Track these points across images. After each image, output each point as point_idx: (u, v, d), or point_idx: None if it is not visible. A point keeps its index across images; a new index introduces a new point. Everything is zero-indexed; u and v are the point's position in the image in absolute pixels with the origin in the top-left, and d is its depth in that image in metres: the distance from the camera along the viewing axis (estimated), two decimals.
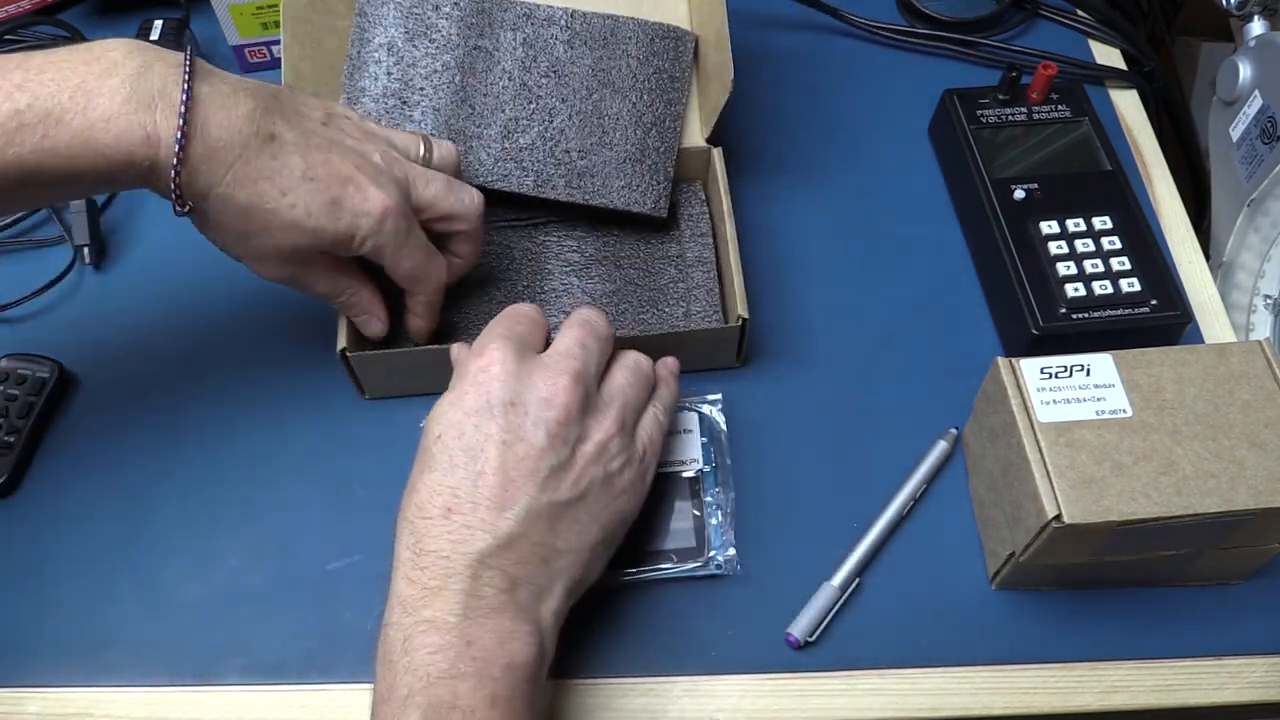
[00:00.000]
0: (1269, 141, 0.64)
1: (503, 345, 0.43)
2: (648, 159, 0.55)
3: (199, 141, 0.42)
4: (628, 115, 0.55)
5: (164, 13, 0.69)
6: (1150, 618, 0.47)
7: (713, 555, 0.48)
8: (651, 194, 0.55)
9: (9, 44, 0.69)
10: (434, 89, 0.56)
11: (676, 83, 0.56)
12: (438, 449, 0.41)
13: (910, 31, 0.70)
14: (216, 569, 0.49)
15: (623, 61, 0.56)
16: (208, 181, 0.42)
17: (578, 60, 0.55)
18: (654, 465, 0.46)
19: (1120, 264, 0.54)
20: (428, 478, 0.41)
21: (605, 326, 0.46)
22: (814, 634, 0.46)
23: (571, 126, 0.55)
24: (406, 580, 0.40)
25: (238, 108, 0.43)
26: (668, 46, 0.57)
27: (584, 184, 0.54)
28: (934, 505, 0.51)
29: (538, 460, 0.41)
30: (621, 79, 0.56)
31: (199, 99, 0.42)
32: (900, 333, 0.57)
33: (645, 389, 0.46)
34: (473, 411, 0.41)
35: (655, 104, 0.56)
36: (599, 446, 0.42)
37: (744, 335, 0.53)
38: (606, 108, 0.55)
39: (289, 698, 0.46)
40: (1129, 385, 0.44)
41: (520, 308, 0.46)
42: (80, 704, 0.46)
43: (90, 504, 0.52)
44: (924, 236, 0.61)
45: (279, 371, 0.56)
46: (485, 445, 0.41)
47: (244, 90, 0.44)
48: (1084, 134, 0.60)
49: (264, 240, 0.45)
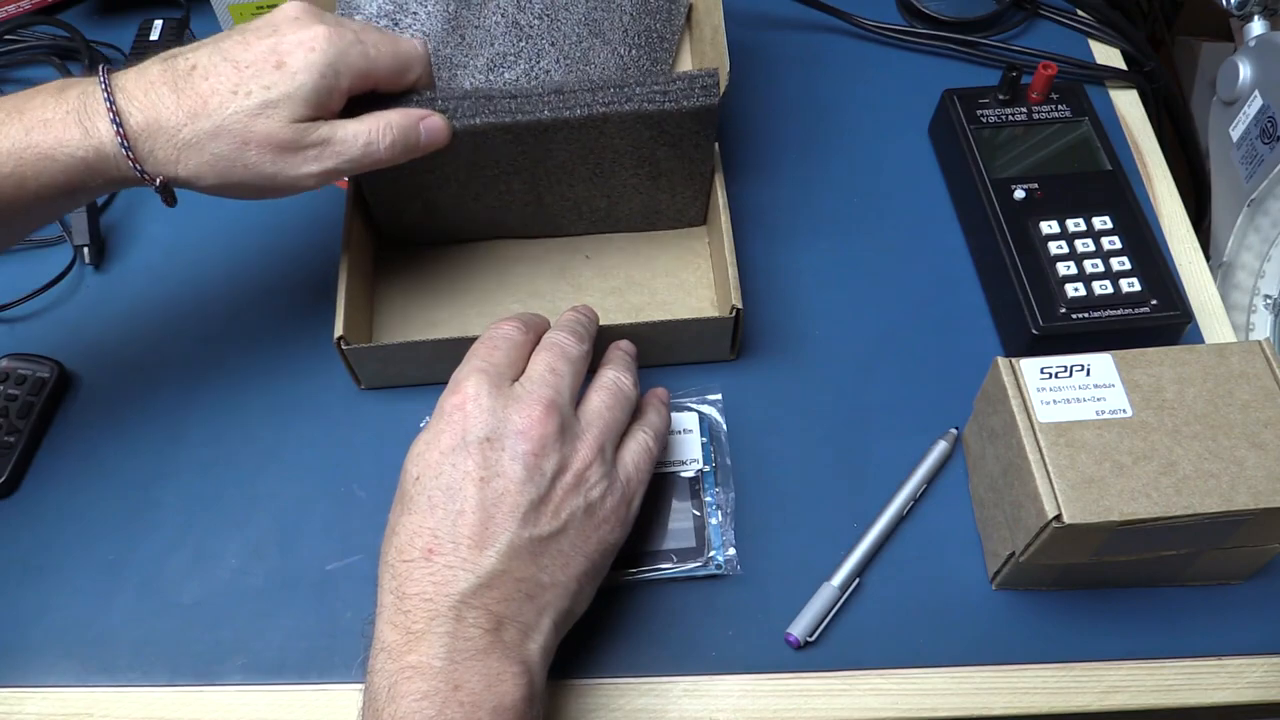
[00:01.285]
0: (1269, 141, 0.64)
1: (477, 380, 0.42)
2: (630, 102, 0.52)
3: (134, 113, 0.43)
4: (614, 67, 0.55)
5: (164, 13, 0.69)
6: (1150, 618, 0.47)
7: (713, 555, 0.48)
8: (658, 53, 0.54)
9: (9, 44, 0.69)
10: (427, 14, 0.55)
11: (665, 43, 0.56)
12: (416, 490, 0.41)
13: (910, 31, 0.70)
14: (216, 569, 0.49)
15: (615, 15, 0.56)
16: (167, 139, 0.44)
17: (571, 6, 0.55)
18: (640, 492, 0.45)
19: (1120, 264, 0.54)
20: (407, 520, 0.40)
21: (575, 345, 0.45)
22: (814, 634, 0.46)
23: (557, 70, 0.54)
24: (390, 625, 0.39)
25: (149, 71, 0.44)
26: (662, 6, 0.57)
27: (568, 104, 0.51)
28: (934, 505, 0.51)
29: (517, 495, 0.40)
30: (612, 31, 0.55)
31: (116, 86, 0.44)
32: (900, 333, 0.57)
33: (625, 410, 0.45)
34: (449, 450, 0.41)
35: (641, 60, 0.55)
36: (577, 475, 0.42)
37: (738, 326, 0.52)
38: (594, 56, 0.54)
39: (289, 698, 0.46)
40: (1129, 385, 0.44)
41: (500, 330, 0.45)
42: (80, 704, 0.46)
43: (90, 504, 0.52)
44: (924, 236, 0.61)
45: (279, 372, 0.56)
46: (463, 483, 0.40)
47: (148, 63, 0.45)
48: (1084, 134, 0.60)
49: (261, 141, 0.44)
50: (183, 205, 0.63)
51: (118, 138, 0.43)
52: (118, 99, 0.43)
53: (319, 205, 0.61)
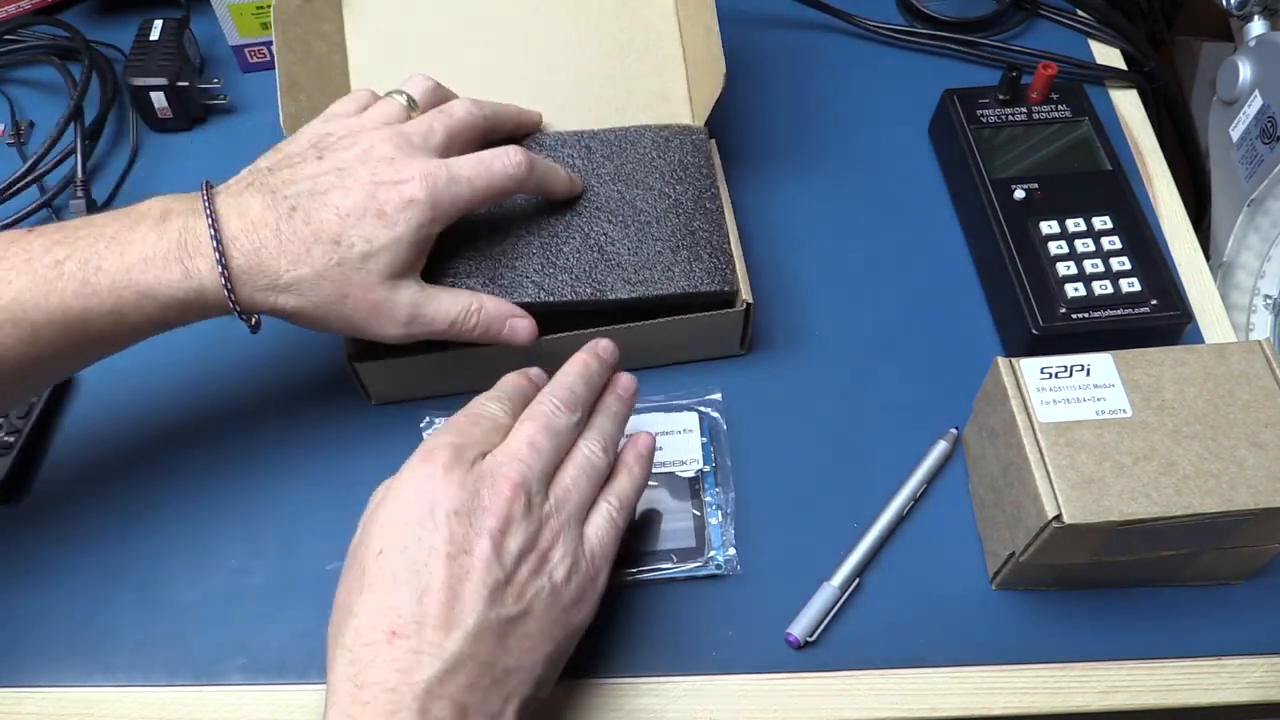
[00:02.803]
0: (1269, 141, 0.64)
1: (449, 453, 0.40)
2: (699, 240, 0.52)
3: (236, 256, 0.43)
4: (663, 205, 0.54)
5: (164, 13, 0.69)
6: (1150, 618, 0.47)
7: (713, 555, 0.48)
8: (717, 273, 0.52)
9: (9, 44, 0.69)
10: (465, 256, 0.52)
11: (702, 170, 0.55)
12: (378, 566, 0.38)
13: (910, 31, 0.70)
14: (216, 569, 0.49)
15: (640, 163, 0.55)
16: (268, 282, 0.44)
17: (598, 169, 0.55)
18: (606, 568, 0.42)
19: (1120, 264, 0.54)
20: (368, 599, 0.38)
21: (564, 417, 0.43)
22: (814, 634, 0.46)
23: (613, 228, 0.53)
24: (346, 718, 0.36)
25: (250, 206, 0.44)
26: (682, 140, 0.56)
27: (644, 277, 0.51)
28: (934, 505, 0.51)
29: (484, 572, 0.38)
30: (646, 175, 0.55)
31: (220, 217, 0.43)
32: (900, 333, 0.57)
33: (595, 483, 0.43)
34: (414, 523, 0.39)
35: (686, 191, 0.54)
36: (541, 556, 0.40)
37: (748, 321, 0.53)
38: (640, 203, 0.54)
39: (289, 698, 0.46)
40: (1129, 385, 0.44)
41: (484, 409, 0.43)
42: (80, 704, 0.46)
43: (91, 504, 0.52)
44: (924, 236, 0.61)
45: (279, 371, 0.56)
46: (429, 559, 0.38)
47: (246, 188, 0.45)
48: (1084, 134, 0.60)
49: (359, 295, 0.45)
50: None
51: (221, 279, 0.43)
52: (223, 236, 0.43)
53: None
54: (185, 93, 0.65)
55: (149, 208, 0.44)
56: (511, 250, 0.52)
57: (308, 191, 0.45)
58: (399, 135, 0.47)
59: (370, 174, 0.45)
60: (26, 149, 0.66)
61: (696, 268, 0.52)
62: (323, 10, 0.57)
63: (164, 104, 0.65)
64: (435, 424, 0.53)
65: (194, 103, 0.67)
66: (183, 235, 0.43)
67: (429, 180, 0.45)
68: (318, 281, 0.44)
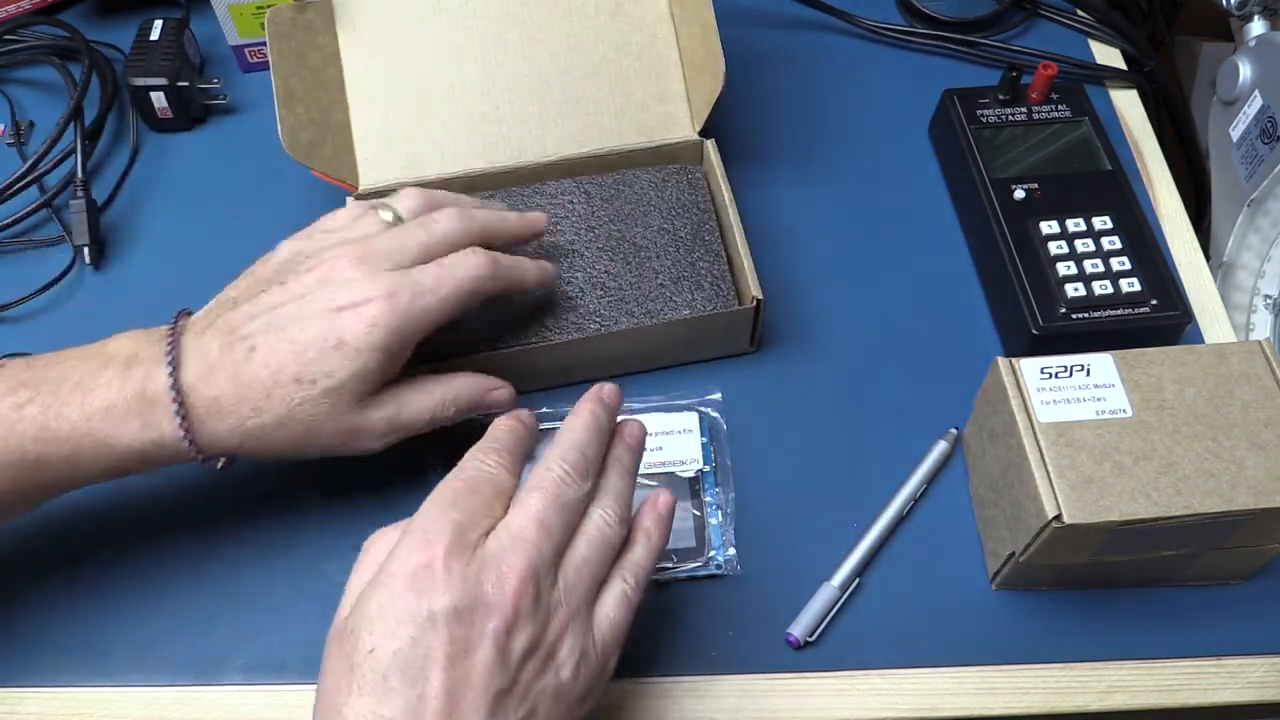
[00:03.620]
0: (1269, 141, 0.64)
1: (449, 537, 0.36)
2: (700, 270, 0.54)
3: (196, 406, 0.42)
4: (663, 240, 0.55)
5: (164, 13, 0.68)
6: (1150, 618, 0.47)
7: (713, 555, 0.48)
8: (718, 298, 0.54)
9: (9, 44, 0.69)
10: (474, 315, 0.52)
11: (699, 205, 0.57)
12: (368, 665, 0.34)
13: (910, 31, 0.70)
14: (216, 569, 0.49)
15: (639, 203, 0.57)
16: (230, 429, 0.42)
17: (597, 211, 0.56)
18: (617, 652, 0.39)
19: (1120, 264, 0.54)
20: (357, 703, 0.33)
21: (575, 486, 0.38)
22: (814, 634, 0.46)
23: (615, 265, 0.54)
24: None
25: (208, 353, 0.42)
26: (679, 179, 0.58)
27: (647, 309, 0.53)
28: (934, 505, 0.51)
29: (486, 680, 0.34)
30: (645, 214, 0.56)
31: (181, 361, 0.42)
32: (900, 333, 0.57)
33: (610, 559, 0.39)
34: (408, 618, 0.34)
35: (684, 226, 0.56)
36: (548, 652, 0.36)
37: (758, 318, 0.53)
38: (640, 240, 0.55)
39: (289, 698, 0.46)
40: (1129, 385, 0.44)
41: (483, 467, 0.39)
42: (80, 704, 0.46)
43: (90, 503, 0.51)
44: (924, 236, 0.61)
45: None
46: (426, 665, 0.33)
47: (209, 327, 0.43)
48: (1084, 134, 0.60)
49: (329, 428, 0.43)
50: (184, 204, 0.64)
51: (180, 430, 0.41)
52: (181, 385, 0.41)
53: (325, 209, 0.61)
54: (185, 93, 0.65)
55: (117, 349, 0.43)
56: (515, 298, 0.53)
57: (264, 327, 0.43)
58: (365, 251, 0.44)
59: (329, 299, 0.43)
60: (26, 149, 0.66)
61: (698, 295, 0.53)
62: (315, 22, 0.57)
63: (164, 104, 0.65)
64: None
65: (194, 103, 0.67)
66: (144, 384, 0.41)
67: (391, 300, 0.43)
68: (282, 425, 0.42)
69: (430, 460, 0.50)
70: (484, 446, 0.40)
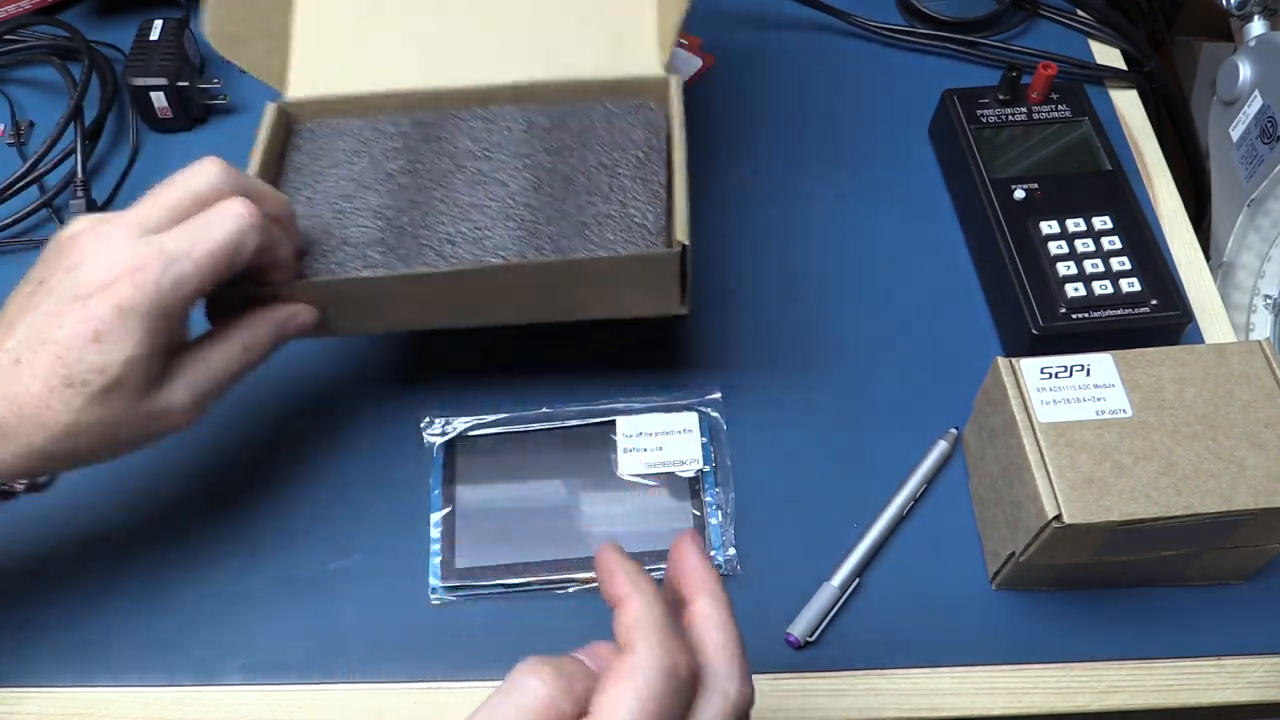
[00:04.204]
0: (1269, 141, 0.64)
1: None
2: (631, 213, 0.49)
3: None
4: (600, 178, 0.50)
5: (164, 13, 0.68)
6: (1150, 618, 0.47)
7: (713, 555, 0.48)
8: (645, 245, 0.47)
9: (9, 44, 0.69)
10: None
11: (649, 148, 0.51)
12: None
13: (910, 31, 0.70)
14: (216, 569, 0.49)
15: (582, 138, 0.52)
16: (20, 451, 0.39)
17: (535, 141, 0.52)
18: None
19: (1120, 264, 0.54)
20: None
21: None
22: (814, 634, 0.46)
23: (538, 199, 0.50)
24: None
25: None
26: (634, 117, 0.53)
27: (561, 245, 0.47)
28: (934, 505, 0.51)
29: None
30: (585, 149, 0.51)
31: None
32: (900, 333, 0.57)
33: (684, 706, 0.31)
34: None
35: (626, 166, 0.51)
36: None
37: (685, 270, 0.45)
38: (573, 175, 0.50)
39: (289, 698, 0.46)
40: (1129, 385, 0.44)
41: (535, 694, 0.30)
42: (80, 704, 0.46)
43: (90, 503, 0.51)
44: (924, 236, 0.61)
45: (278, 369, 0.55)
46: None
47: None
48: (1084, 134, 0.60)
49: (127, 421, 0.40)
50: None
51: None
52: None
53: None
54: (185, 92, 0.65)
55: None
56: (421, 220, 0.49)
57: (25, 333, 0.39)
58: (107, 226, 0.40)
59: (74, 288, 0.38)
60: (26, 149, 0.66)
61: (620, 238, 0.47)
62: None
63: (164, 104, 0.65)
64: (434, 423, 0.52)
65: (194, 103, 0.66)
66: None
67: (138, 275, 0.38)
68: (74, 434, 0.39)
69: None
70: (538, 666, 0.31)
